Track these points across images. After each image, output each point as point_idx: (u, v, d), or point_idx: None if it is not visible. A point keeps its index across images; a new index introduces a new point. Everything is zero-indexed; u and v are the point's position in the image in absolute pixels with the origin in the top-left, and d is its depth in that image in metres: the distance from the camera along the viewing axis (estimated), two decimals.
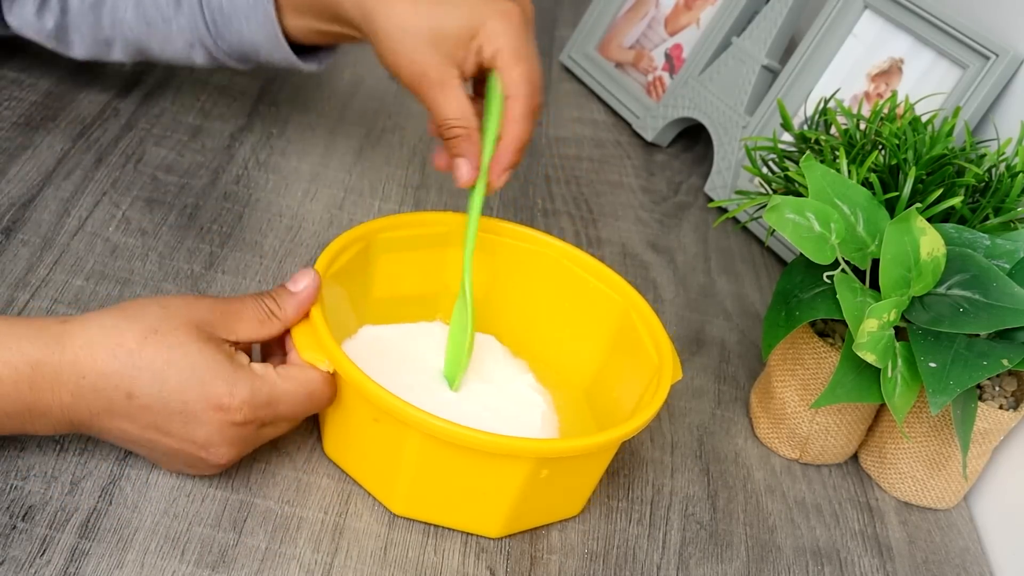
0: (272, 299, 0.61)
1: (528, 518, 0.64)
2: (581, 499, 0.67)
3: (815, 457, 0.76)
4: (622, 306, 0.71)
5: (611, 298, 0.72)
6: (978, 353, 0.64)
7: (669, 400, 0.78)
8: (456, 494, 0.62)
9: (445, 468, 0.61)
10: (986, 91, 0.85)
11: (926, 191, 0.69)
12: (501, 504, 0.62)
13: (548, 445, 0.62)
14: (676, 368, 0.66)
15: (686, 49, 1.12)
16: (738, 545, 0.69)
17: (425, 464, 0.60)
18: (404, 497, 0.62)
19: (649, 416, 0.62)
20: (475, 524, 0.63)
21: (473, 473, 0.60)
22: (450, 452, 0.59)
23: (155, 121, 0.89)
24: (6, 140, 0.82)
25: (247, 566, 0.58)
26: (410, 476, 0.61)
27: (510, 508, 0.62)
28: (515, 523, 0.64)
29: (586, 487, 0.66)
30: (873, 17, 0.97)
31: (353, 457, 0.64)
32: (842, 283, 0.65)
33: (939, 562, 0.72)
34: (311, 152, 0.92)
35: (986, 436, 0.72)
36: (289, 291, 0.62)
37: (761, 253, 0.99)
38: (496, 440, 0.58)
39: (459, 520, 0.63)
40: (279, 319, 0.61)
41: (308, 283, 0.62)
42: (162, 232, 0.78)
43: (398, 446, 0.60)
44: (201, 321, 0.57)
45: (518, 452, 0.59)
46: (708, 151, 1.07)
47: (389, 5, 0.68)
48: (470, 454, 0.59)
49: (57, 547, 0.56)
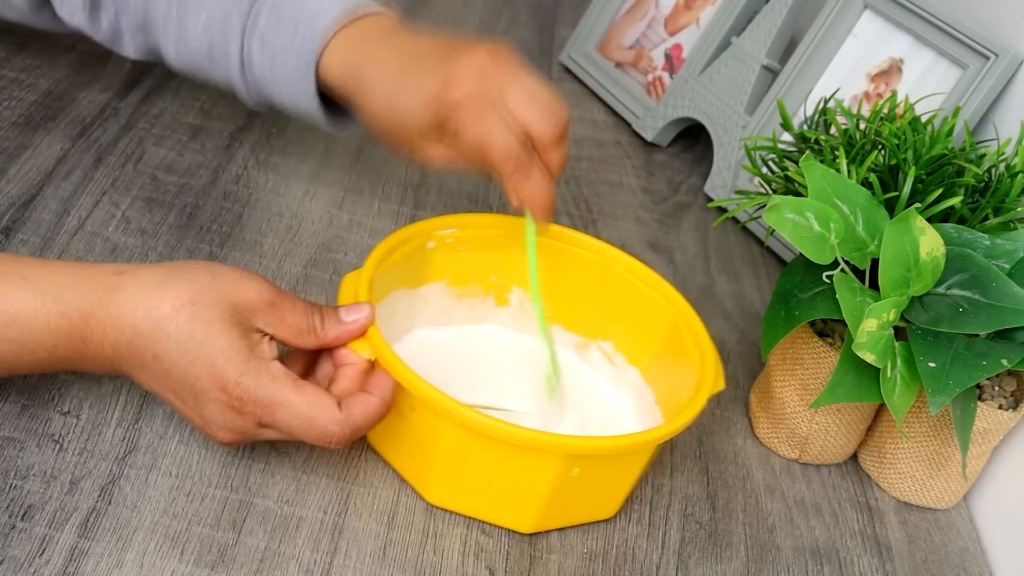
0: (320, 316, 0.62)
1: (561, 516, 0.65)
2: (616, 501, 0.67)
3: (814, 457, 0.76)
4: (671, 314, 0.72)
5: (661, 306, 0.73)
6: (977, 353, 0.64)
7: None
8: (488, 487, 0.63)
9: (477, 460, 0.62)
10: (986, 91, 0.85)
11: (926, 191, 0.69)
12: (533, 499, 0.62)
13: (576, 442, 0.62)
14: (718, 378, 0.67)
15: (686, 49, 1.12)
16: (737, 545, 0.69)
17: (458, 454, 0.61)
18: (438, 487, 0.64)
19: (684, 422, 0.63)
20: (507, 518, 0.64)
21: (504, 466, 0.61)
22: (481, 443, 0.60)
23: (155, 121, 0.89)
24: (6, 140, 0.82)
25: (246, 566, 0.58)
26: (444, 466, 0.62)
27: (542, 504, 0.62)
28: (547, 520, 0.64)
29: (621, 489, 0.66)
30: (873, 17, 0.97)
31: (392, 446, 0.65)
32: (841, 283, 0.65)
33: (939, 562, 0.72)
34: (311, 152, 0.92)
35: (985, 436, 0.72)
36: (339, 318, 0.62)
37: (761, 253, 0.99)
38: (524, 433, 0.59)
39: (491, 513, 0.64)
40: (318, 338, 0.61)
41: (360, 318, 0.62)
42: (162, 232, 0.78)
43: (433, 435, 0.61)
44: (242, 304, 0.58)
45: (547, 447, 0.59)
46: (708, 151, 1.07)
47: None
48: (500, 446, 0.60)
49: (56, 546, 0.56)
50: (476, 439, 0.60)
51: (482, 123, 0.67)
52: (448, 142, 0.70)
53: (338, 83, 0.73)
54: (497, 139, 0.67)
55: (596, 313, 0.76)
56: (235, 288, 0.58)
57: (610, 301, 0.75)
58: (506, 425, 0.59)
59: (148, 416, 0.64)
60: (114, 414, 0.64)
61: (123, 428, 0.63)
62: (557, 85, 1.18)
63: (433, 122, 0.69)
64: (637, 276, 0.74)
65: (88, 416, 0.63)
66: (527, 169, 0.68)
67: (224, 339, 0.57)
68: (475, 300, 0.77)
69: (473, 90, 0.67)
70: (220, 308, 0.57)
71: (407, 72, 0.70)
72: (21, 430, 0.61)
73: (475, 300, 0.77)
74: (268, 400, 0.57)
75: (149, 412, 0.65)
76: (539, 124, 0.67)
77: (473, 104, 0.67)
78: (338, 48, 0.72)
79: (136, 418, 0.64)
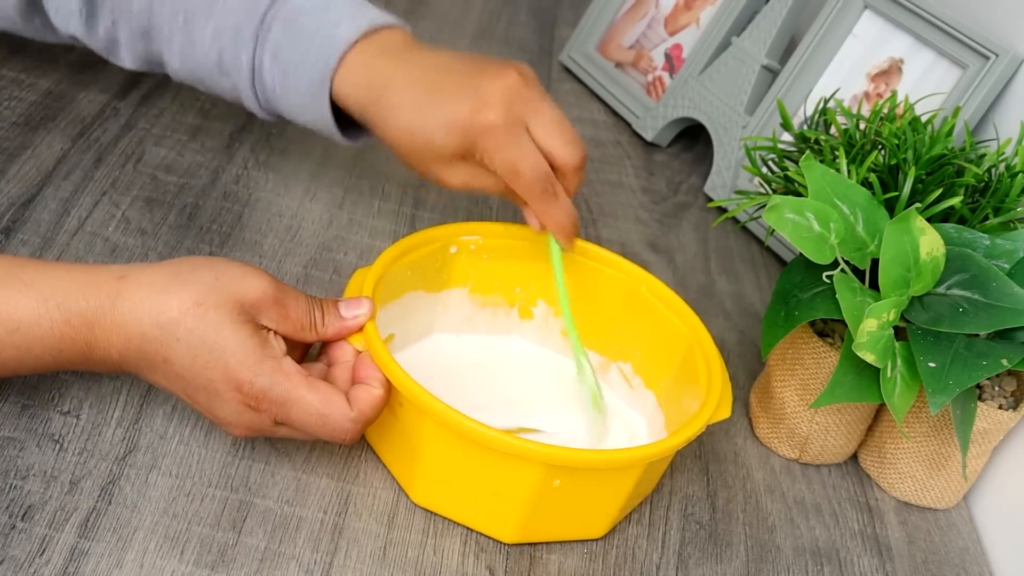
0: (321, 312, 0.62)
1: (544, 530, 0.64)
2: (603, 520, 0.65)
3: (815, 457, 0.76)
4: (688, 338, 0.71)
5: (680, 330, 0.72)
6: (977, 353, 0.64)
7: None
8: (470, 491, 0.62)
9: (459, 462, 0.61)
10: (986, 91, 0.85)
11: (926, 191, 0.69)
12: (513, 508, 0.61)
13: (556, 452, 0.60)
14: (723, 407, 0.66)
15: (686, 49, 1.12)
16: (737, 545, 0.69)
17: (441, 455, 0.61)
18: (422, 487, 0.63)
19: (672, 445, 0.62)
20: (489, 526, 0.63)
21: (485, 471, 0.61)
22: (462, 445, 0.60)
23: (155, 121, 0.89)
24: (6, 140, 0.82)
25: (246, 566, 0.58)
26: (428, 466, 0.62)
27: (523, 514, 0.62)
28: (530, 532, 0.64)
29: (608, 508, 0.64)
30: (873, 17, 0.97)
31: (383, 442, 0.66)
32: (841, 283, 0.65)
33: (939, 562, 0.72)
34: (311, 152, 0.92)
35: (985, 436, 0.72)
36: (339, 314, 0.62)
37: (761, 253, 0.99)
38: (503, 439, 0.58)
39: (473, 519, 0.64)
40: (318, 334, 0.62)
41: (360, 314, 0.63)
42: (162, 232, 0.78)
43: (418, 434, 0.61)
44: (247, 302, 0.58)
45: (525, 454, 0.58)
46: (708, 151, 1.07)
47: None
48: (481, 451, 0.59)
49: (57, 547, 0.56)
50: (458, 441, 0.60)
51: (511, 149, 0.67)
52: (470, 164, 0.70)
53: (353, 100, 0.71)
54: (527, 166, 0.67)
55: (618, 333, 0.76)
56: (238, 286, 0.58)
57: (632, 322, 0.75)
58: (485, 429, 0.58)
59: (148, 416, 0.64)
60: (114, 414, 0.64)
61: (123, 428, 0.63)
62: (557, 85, 1.18)
63: (459, 146, 0.68)
64: (660, 298, 0.74)
65: (88, 416, 0.63)
66: (553, 195, 0.69)
67: (235, 340, 0.57)
68: (498, 310, 0.76)
69: (504, 115, 0.67)
70: (227, 308, 0.57)
71: (432, 93, 0.69)
72: (21, 430, 0.61)
73: (498, 310, 0.76)
74: (283, 398, 0.58)
75: (149, 412, 0.65)
76: (564, 153, 0.68)
77: (503, 130, 0.67)
78: (354, 63, 0.71)
79: (136, 418, 0.64)
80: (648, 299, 0.74)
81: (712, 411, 0.64)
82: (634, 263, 0.75)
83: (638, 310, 0.74)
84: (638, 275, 0.75)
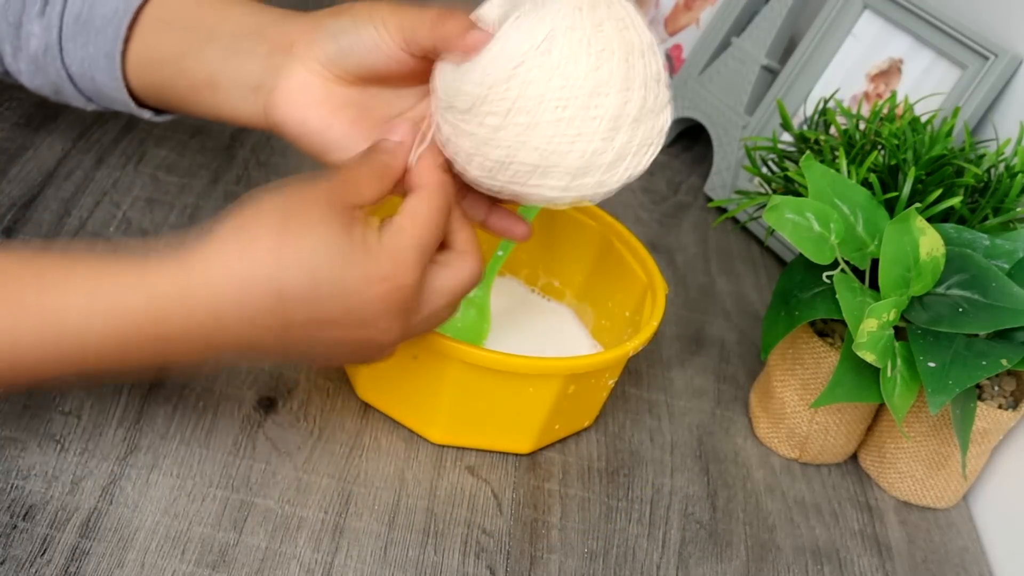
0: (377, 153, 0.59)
1: (554, 432, 0.70)
2: (594, 410, 0.72)
3: (814, 456, 0.76)
4: (601, 232, 0.77)
5: (589, 226, 0.77)
6: (977, 353, 0.64)
7: (668, 400, 0.78)
8: (493, 417, 0.67)
9: (484, 394, 0.65)
10: (985, 91, 0.86)
11: (925, 191, 0.69)
12: (534, 422, 0.67)
13: (578, 361, 0.66)
14: (662, 282, 0.72)
15: (686, 49, 1.12)
16: (737, 544, 0.69)
17: (464, 393, 0.65)
18: (443, 427, 0.67)
19: (654, 329, 0.68)
20: (509, 443, 0.68)
21: (510, 395, 0.65)
22: (489, 378, 0.64)
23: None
24: (7, 140, 0.82)
25: (247, 566, 0.58)
26: (449, 406, 0.66)
27: (541, 425, 0.67)
28: (543, 438, 0.69)
29: (599, 399, 0.72)
30: (873, 17, 0.97)
31: (392, 397, 0.68)
32: (841, 283, 0.65)
33: (938, 561, 0.72)
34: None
35: (985, 436, 0.72)
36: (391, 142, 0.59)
37: (761, 253, 0.99)
38: (533, 362, 0.63)
39: (494, 441, 0.68)
40: (394, 167, 0.58)
41: (405, 130, 0.59)
42: (163, 232, 0.78)
43: (438, 379, 0.65)
44: (329, 194, 0.54)
45: (552, 371, 0.64)
46: (708, 151, 1.07)
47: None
48: (508, 378, 0.64)
49: (58, 546, 0.56)
50: (484, 375, 0.63)
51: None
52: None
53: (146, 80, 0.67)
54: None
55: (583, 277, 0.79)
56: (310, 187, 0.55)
57: (599, 269, 0.78)
58: (515, 357, 0.63)
59: (149, 416, 0.64)
60: (115, 414, 0.64)
61: (124, 428, 0.63)
62: None
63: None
64: (628, 248, 0.76)
65: (89, 416, 0.63)
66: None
67: (346, 234, 0.53)
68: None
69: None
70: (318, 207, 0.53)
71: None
72: (22, 430, 0.61)
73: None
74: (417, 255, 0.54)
75: (150, 412, 0.65)
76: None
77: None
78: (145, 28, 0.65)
79: (137, 418, 0.64)
80: (617, 247, 0.77)
81: (662, 286, 0.71)
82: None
83: (606, 257, 0.78)
84: (610, 225, 0.78)
